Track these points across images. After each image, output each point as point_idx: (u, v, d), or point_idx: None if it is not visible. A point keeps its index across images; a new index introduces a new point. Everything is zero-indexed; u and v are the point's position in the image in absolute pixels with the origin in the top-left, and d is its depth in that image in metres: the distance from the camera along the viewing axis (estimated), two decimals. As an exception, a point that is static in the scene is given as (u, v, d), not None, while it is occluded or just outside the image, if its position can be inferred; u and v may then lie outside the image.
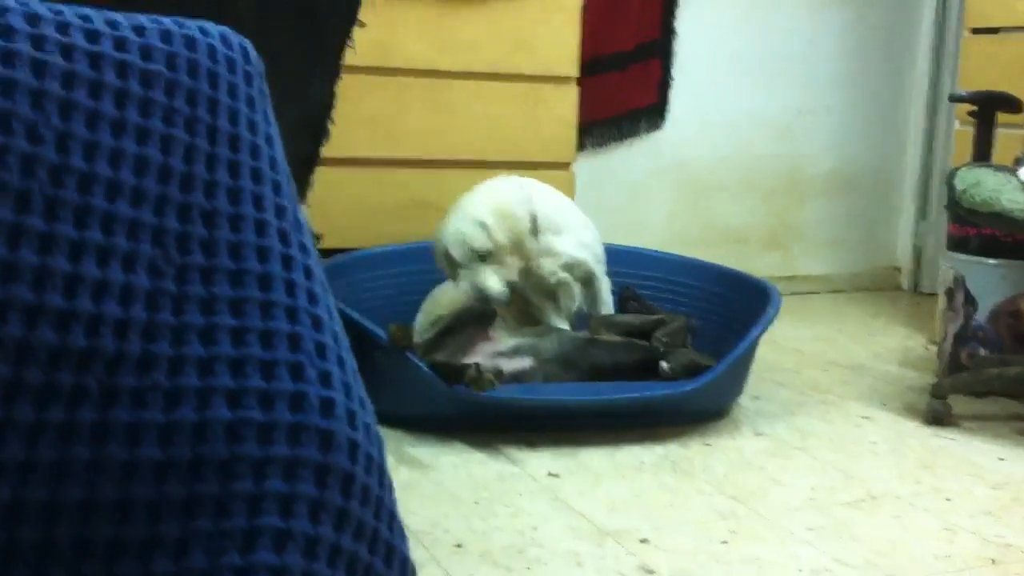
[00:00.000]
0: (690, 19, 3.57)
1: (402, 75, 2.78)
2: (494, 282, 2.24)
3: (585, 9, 3.00)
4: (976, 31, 3.10)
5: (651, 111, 3.58)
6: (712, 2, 3.61)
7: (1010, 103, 2.61)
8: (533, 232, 2.35)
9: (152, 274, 0.58)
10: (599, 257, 2.54)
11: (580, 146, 3.30)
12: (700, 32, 3.59)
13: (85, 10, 0.61)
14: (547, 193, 2.48)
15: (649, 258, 2.86)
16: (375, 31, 2.23)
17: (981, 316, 2.62)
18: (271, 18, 1.46)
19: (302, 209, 0.70)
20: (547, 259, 2.41)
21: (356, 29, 1.67)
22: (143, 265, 0.57)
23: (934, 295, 3.02)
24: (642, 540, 1.67)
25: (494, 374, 2.08)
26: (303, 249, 0.67)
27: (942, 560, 1.64)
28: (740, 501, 1.85)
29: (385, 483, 0.64)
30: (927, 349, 3.04)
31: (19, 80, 0.54)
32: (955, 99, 2.88)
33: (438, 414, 2.15)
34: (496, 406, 2.09)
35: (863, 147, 3.95)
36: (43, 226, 0.54)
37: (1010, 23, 2.98)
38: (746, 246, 3.79)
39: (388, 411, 1.82)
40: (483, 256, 2.25)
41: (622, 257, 2.75)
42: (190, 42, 0.64)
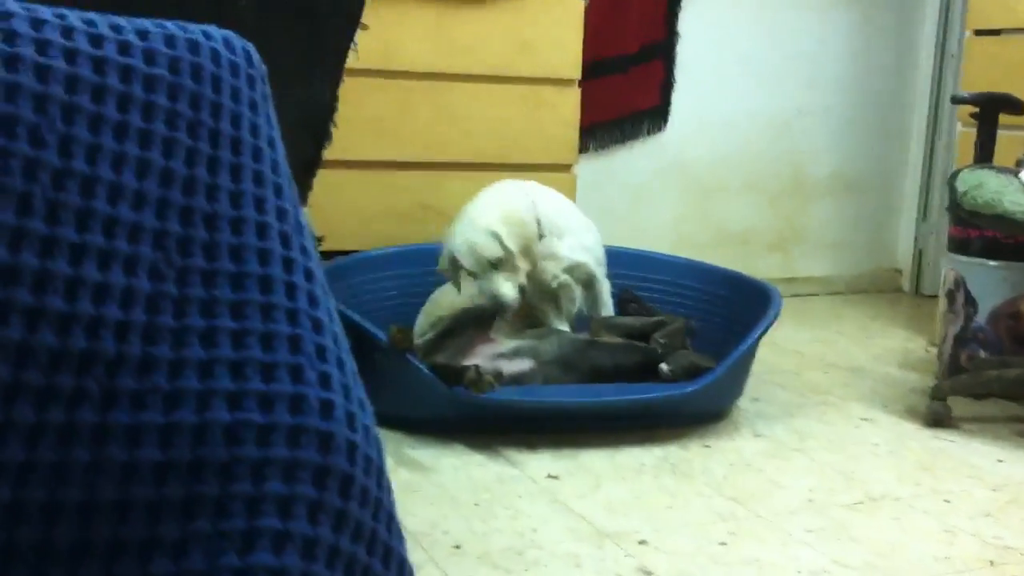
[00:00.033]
0: (692, 20, 3.57)
1: (404, 78, 2.78)
2: (508, 289, 2.24)
3: (588, 11, 3.01)
4: (979, 32, 3.10)
5: (653, 113, 3.58)
6: (714, 3, 3.61)
7: (1012, 105, 2.61)
8: (539, 236, 2.36)
9: (153, 277, 0.58)
10: (600, 259, 2.54)
11: (582, 148, 3.30)
12: (702, 33, 3.60)
13: (89, 14, 0.61)
14: (549, 196, 2.48)
15: (650, 260, 2.87)
16: (377, 34, 2.23)
17: (981, 318, 2.62)
18: (271, 18, 1.47)
19: (303, 212, 0.71)
20: (549, 262, 2.41)
21: (359, 32, 1.67)
22: (144, 268, 0.58)
23: (935, 297, 3.02)
24: (641, 542, 1.68)
25: (494, 376, 2.09)
26: (304, 252, 0.67)
27: (941, 562, 1.64)
28: (739, 503, 1.86)
29: (384, 485, 0.64)
30: (927, 351, 3.04)
31: (23, 84, 0.55)
32: (957, 101, 2.88)
33: (438, 416, 2.15)
34: (496, 408, 2.09)
35: (865, 148, 3.95)
36: (45, 229, 0.54)
37: (1012, 25, 2.98)
38: (747, 247, 3.79)
39: (388, 413, 1.83)
40: (495, 264, 2.25)
41: (623, 259, 2.76)
42: (193, 46, 0.64)
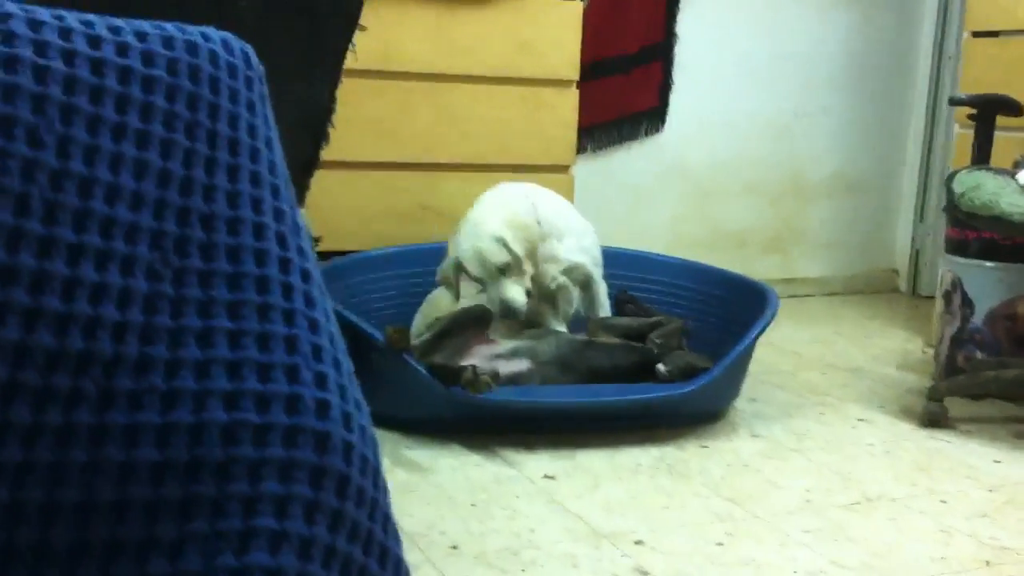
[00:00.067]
0: (691, 21, 3.57)
1: (403, 78, 2.78)
2: (516, 293, 2.24)
3: (587, 12, 3.01)
4: (977, 34, 3.10)
5: (651, 114, 3.58)
6: (713, 4, 3.61)
7: (1010, 106, 2.61)
8: (541, 239, 2.36)
9: (150, 277, 0.58)
10: (597, 260, 2.54)
11: (580, 149, 3.30)
12: (700, 34, 3.60)
13: (87, 16, 0.62)
14: (548, 198, 2.49)
15: (647, 261, 2.87)
16: (376, 34, 2.23)
17: (978, 319, 2.62)
18: (271, 18, 1.47)
19: (301, 212, 0.71)
20: (549, 264, 2.41)
21: (358, 32, 1.68)
22: (141, 268, 0.58)
23: (932, 298, 3.02)
24: (638, 542, 1.68)
25: (491, 376, 2.09)
26: (301, 252, 0.67)
27: (937, 562, 1.65)
28: (736, 503, 1.86)
29: (380, 485, 0.65)
30: (924, 352, 3.05)
31: (21, 84, 0.55)
32: (955, 102, 2.88)
33: (435, 416, 2.15)
34: (493, 408, 2.09)
35: (863, 149, 3.95)
36: (42, 230, 0.54)
37: (1011, 26, 2.98)
38: (745, 248, 3.79)
39: (385, 413, 1.83)
40: (502, 270, 2.25)
41: (620, 260, 2.76)
42: (192, 47, 0.65)
